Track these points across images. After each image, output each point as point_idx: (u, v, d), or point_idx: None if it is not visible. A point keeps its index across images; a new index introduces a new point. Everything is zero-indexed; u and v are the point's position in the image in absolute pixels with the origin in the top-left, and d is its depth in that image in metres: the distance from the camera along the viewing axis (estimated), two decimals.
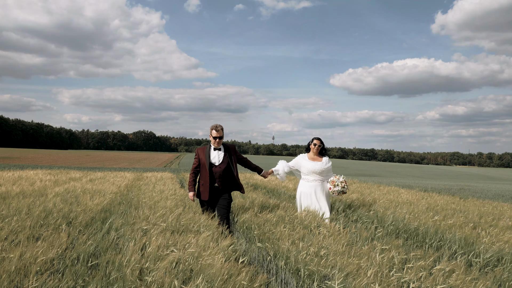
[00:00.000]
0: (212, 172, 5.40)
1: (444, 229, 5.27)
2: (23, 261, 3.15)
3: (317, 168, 6.02)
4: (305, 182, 6.11)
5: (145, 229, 4.68)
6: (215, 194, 5.44)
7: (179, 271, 3.13)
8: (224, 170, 5.42)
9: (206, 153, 5.44)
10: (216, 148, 5.47)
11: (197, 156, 5.54)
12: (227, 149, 5.55)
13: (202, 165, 5.45)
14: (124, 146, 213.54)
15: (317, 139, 6.14)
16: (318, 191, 6.00)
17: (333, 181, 5.96)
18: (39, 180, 11.74)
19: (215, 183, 5.43)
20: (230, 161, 5.47)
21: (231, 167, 5.45)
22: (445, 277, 3.21)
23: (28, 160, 58.51)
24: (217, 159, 5.44)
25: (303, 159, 6.15)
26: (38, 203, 6.19)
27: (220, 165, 5.43)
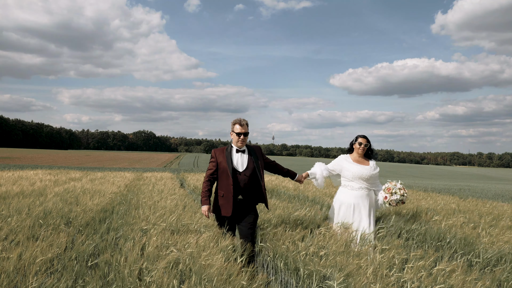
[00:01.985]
0: (237, 180, 4.22)
1: (444, 229, 5.26)
2: (22, 261, 3.14)
3: (365, 173, 4.81)
4: (348, 190, 4.87)
5: (144, 229, 4.68)
6: (238, 208, 4.25)
7: (178, 271, 3.12)
8: (249, 178, 4.27)
9: (227, 156, 4.25)
10: (239, 150, 4.31)
11: (214, 159, 4.31)
12: (252, 151, 4.39)
13: (222, 171, 4.24)
14: (124, 146, 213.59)
15: (363, 137, 4.93)
16: (364, 203, 4.81)
17: (389, 188, 4.85)
18: (39, 180, 11.74)
19: (239, 195, 4.23)
20: (257, 167, 4.31)
21: (257, 174, 4.29)
22: (445, 277, 3.20)
23: (28, 160, 58.52)
24: (241, 164, 4.28)
25: (346, 161, 4.94)
26: (38, 203, 6.19)
27: (245, 172, 4.26)
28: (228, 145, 4.38)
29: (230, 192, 4.16)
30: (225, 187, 4.21)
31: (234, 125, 4.28)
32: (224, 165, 4.22)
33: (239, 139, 4.26)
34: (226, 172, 4.20)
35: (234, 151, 4.31)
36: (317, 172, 5.02)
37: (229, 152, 4.30)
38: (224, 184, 4.23)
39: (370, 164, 4.94)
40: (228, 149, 4.33)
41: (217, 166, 4.29)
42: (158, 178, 15.14)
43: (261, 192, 4.34)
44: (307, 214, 5.63)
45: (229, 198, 4.17)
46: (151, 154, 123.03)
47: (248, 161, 4.29)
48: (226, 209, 4.20)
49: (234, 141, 4.31)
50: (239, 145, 4.29)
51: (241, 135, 4.25)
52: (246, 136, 4.28)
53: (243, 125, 4.27)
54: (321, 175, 4.99)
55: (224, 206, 4.23)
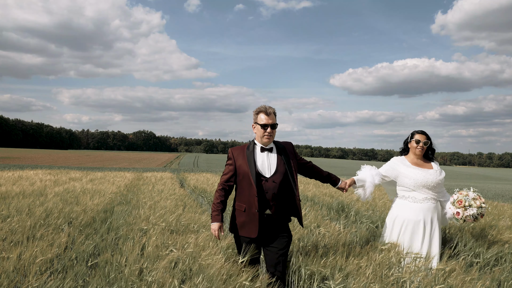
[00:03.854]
0: (263, 189, 3.16)
1: (443, 229, 5.26)
2: (22, 261, 3.15)
3: (431, 179, 3.74)
4: (411, 202, 3.78)
5: (144, 229, 4.68)
6: (265, 227, 3.20)
7: (179, 271, 3.13)
8: (280, 186, 3.19)
9: (249, 157, 3.20)
10: (265, 148, 3.25)
11: (232, 162, 3.26)
12: (281, 149, 3.31)
13: (243, 178, 3.19)
14: (124, 146, 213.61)
15: (421, 133, 3.88)
16: (433, 219, 3.75)
17: (460, 201, 3.75)
18: (39, 180, 11.74)
19: (266, 209, 3.18)
20: (289, 170, 3.23)
21: (290, 180, 3.23)
22: (445, 277, 3.21)
23: (28, 160, 58.51)
24: (268, 167, 3.21)
25: (403, 164, 3.88)
26: (38, 203, 6.19)
27: (274, 177, 3.18)
28: (250, 143, 3.30)
29: (254, 205, 3.11)
30: (247, 198, 3.16)
31: (258, 114, 3.23)
32: (245, 169, 3.15)
33: (265, 133, 3.18)
34: (248, 179, 3.14)
35: (258, 150, 3.23)
36: (366, 179, 3.89)
37: (251, 151, 3.21)
38: (246, 194, 3.16)
39: (433, 167, 3.87)
40: (250, 147, 3.25)
41: (236, 170, 3.22)
42: (158, 178, 15.14)
43: (294, 204, 3.28)
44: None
45: (253, 213, 3.13)
46: (151, 154, 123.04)
47: (277, 163, 3.22)
48: (250, 229, 3.16)
49: (258, 136, 3.23)
50: (265, 142, 3.21)
51: (268, 127, 3.17)
52: (274, 129, 3.22)
53: (270, 114, 3.19)
54: (371, 182, 3.88)
55: (246, 224, 3.17)
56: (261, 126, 3.20)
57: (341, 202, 7.72)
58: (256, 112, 3.27)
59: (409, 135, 3.97)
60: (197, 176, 16.71)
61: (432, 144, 3.93)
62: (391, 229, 3.84)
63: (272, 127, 3.20)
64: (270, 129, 3.19)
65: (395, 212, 3.86)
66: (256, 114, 3.26)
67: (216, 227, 3.20)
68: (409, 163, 3.88)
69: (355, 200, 8.27)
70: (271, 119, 3.21)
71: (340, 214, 6.99)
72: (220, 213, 3.22)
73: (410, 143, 3.92)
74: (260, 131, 3.21)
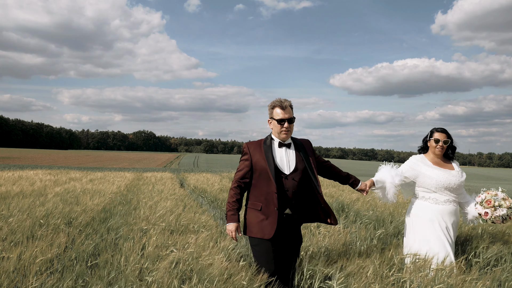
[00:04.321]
0: (282, 186, 2.98)
1: None
2: (22, 261, 3.15)
3: (453, 181, 3.53)
4: (432, 204, 3.55)
5: (144, 229, 4.68)
6: (282, 228, 3.00)
7: (179, 271, 3.13)
8: (299, 184, 3.04)
9: (266, 152, 3.02)
10: (283, 144, 3.07)
11: (248, 157, 3.06)
12: (299, 146, 3.15)
13: (260, 174, 3.00)
14: (124, 146, 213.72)
15: (441, 132, 3.63)
16: (454, 223, 3.56)
17: (489, 201, 3.55)
18: (39, 180, 11.75)
19: (286, 208, 3.01)
20: (309, 167, 3.07)
21: (311, 177, 3.06)
22: (445, 277, 3.21)
23: (28, 160, 58.51)
24: (287, 164, 3.04)
25: (424, 164, 3.63)
26: (38, 203, 6.19)
27: (293, 175, 3.02)
28: (267, 137, 3.12)
29: (273, 203, 2.91)
30: (265, 196, 2.96)
31: (273, 108, 3.05)
32: (263, 165, 2.97)
33: (282, 128, 3.00)
34: (266, 175, 2.95)
35: (276, 145, 3.06)
36: (386, 179, 3.61)
37: (268, 146, 3.04)
38: (263, 191, 2.97)
39: (455, 168, 3.63)
40: (267, 142, 3.07)
41: (252, 166, 3.02)
42: (158, 178, 15.14)
43: (315, 204, 3.11)
44: None
45: (270, 212, 2.92)
46: (151, 154, 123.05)
47: (296, 160, 3.05)
48: (267, 229, 2.92)
49: (275, 131, 3.06)
50: (283, 137, 3.04)
51: (284, 122, 2.99)
52: (291, 124, 3.03)
53: (286, 108, 3.01)
54: (392, 183, 3.60)
55: (263, 224, 2.94)
56: (277, 121, 3.00)
57: (341, 202, 7.72)
58: (271, 106, 3.06)
59: (428, 133, 3.71)
60: (197, 176, 16.71)
61: (453, 142, 3.66)
62: (412, 231, 3.60)
63: (289, 121, 3.00)
64: (287, 124, 2.99)
65: (415, 213, 3.60)
66: (271, 108, 3.06)
67: (233, 227, 2.95)
68: (429, 162, 3.62)
69: (355, 200, 8.27)
70: (288, 113, 3.01)
71: (340, 214, 6.99)
72: (236, 212, 2.98)
73: (429, 141, 3.66)
74: (276, 126, 3.02)
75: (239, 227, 2.98)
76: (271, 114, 3.07)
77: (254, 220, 2.97)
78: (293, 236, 3.05)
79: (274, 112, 3.03)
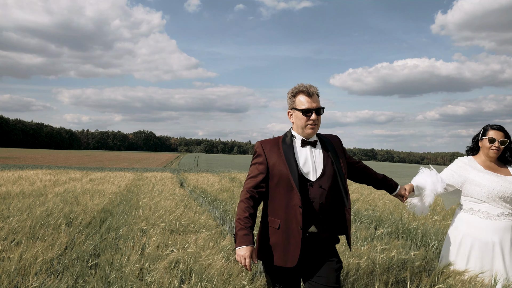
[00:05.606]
0: (307, 197, 2.26)
1: (444, 229, 5.27)
2: (23, 261, 3.15)
3: (510, 188, 2.85)
4: (482, 219, 2.89)
5: (144, 229, 4.69)
6: (308, 250, 2.28)
7: (179, 271, 3.13)
8: (329, 193, 2.32)
9: (286, 153, 2.32)
10: (307, 141, 2.36)
11: (263, 158, 2.34)
12: (327, 143, 2.44)
13: (279, 181, 2.28)
14: (124, 146, 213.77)
15: (498, 129, 2.95)
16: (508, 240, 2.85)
17: None
18: (39, 180, 11.75)
19: (311, 225, 2.28)
20: (339, 172, 2.36)
21: (340, 185, 2.36)
22: (445, 276, 3.21)
23: (28, 160, 58.51)
24: (313, 167, 2.32)
25: (472, 167, 2.99)
26: (38, 203, 6.20)
27: (321, 181, 2.30)
28: (286, 134, 2.41)
29: (296, 219, 2.20)
30: (284, 210, 2.24)
31: (296, 96, 2.33)
32: (282, 170, 2.25)
33: (309, 121, 2.29)
34: (287, 183, 2.24)
35: (298, 144, 2.35)
36: (426, 186, 2.94)
37: (289, 145, 2.33)
38: (282, 204, 2.25)
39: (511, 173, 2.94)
40: (286, 140, 2.36)
41: (268, 170, 2.30)
42: (158, 178, 15.14)
43: (344, 218, 2.37)
44: None
45: (292, 231, 2.21)
46: (151, 154, 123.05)
47: (324, 162, 2.34)
48: (286, 254, 2.22)
49: (298, 126, 2.33)
50: (309, 133, 2.33)
51: (311, 113, 2.28)
52: (319, 116, 2.33)
53: (313, 95, 2.31)
54: (432, 191, 2.93)
55: (281, 247, 2.24)
56: (302, 112, 2.28)
57: None
58: (293, 94, 2.35)
59: (480, 131, 3.04)
60: (197, 176, 16.72)
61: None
62: (456, 250, 2.94)
63: (317, 112, 2.29)
64: (315, 115, 2.28)
65: (460, 229, 2.94)
66: (292, 96, 2.35)
67: (247, 252, 2.14)
68: (480, 166, 2.97)
69: (355, 200, 8.27)
70: (315, 101, 2.30)
71: None
72: (250, 231, 2.19)
73: (482, 141, 3.00)
74: (301, 119, 2.29)
75: (254, 251, 2.20)
76: (292, 103, 2.34)
77: (272, 241, 2.27)
78: (324, 258, 2.28)
79: (297, 101, 2.31)
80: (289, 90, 2.38)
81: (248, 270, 2.17)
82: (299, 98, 2.31)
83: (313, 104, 2.28)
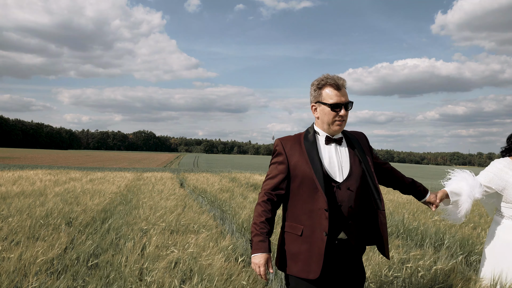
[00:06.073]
0: (335, 200, 2.05)
1: (444, 229, 5.27)
2: (23, 261, 3.15)
3: None
4: None
5: (144, 229, 4.68)
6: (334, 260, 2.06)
7: (179, 271, 3.13)
8: (357, 196, 2.10)
9: (309, 151, 2.10)
10: (332, 139, 2.14)
11: (284, 157, 2.12)
12: (353, 141, 2.22)
13: (302, 182, 2.07)
14: (124, 146, 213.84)
15: None
16: None
17: None
18: (39, 180, 11.75)
19: (340, 232, 2.06)
20: (368, 172, 2.15)
21: (371, 186, 2.15)
22: (445, 277, 3.21)
23: (28, 160, 58.51)
24: (339, 166, 2.11)
25: None
26: (38, 203, 6.20)
27: (349, 182, 2.09)
28: (309, 130, 2.18)
29: (321, 225, 1.97)
30: (308, 215, 2.02)
31: (322, 89, 2.09)
32: (305, 170, 2.03)
33: (337, 117, 2.07)
34: (311, 184, 2.01)
35: (321, 142, 2.12)
36: (462, 192, 2.59)
37: (311, 142, 2.10)
38: (306, 209, 2.03)
39: None
40: (308, 137, 2.13)
41: (289, 171, 2.08)
42: (158, 178, 15.14)
43: (377, 222, 2.12)
44: None
45: (316, 238, 1.98)
46: (151, 154, 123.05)
47: (351, 161, 2.12)
48: (310, 264, 1.98)
49: (325, 121, 2.10)
50: (335, 130, 2.10)
51: (340, 108, 2.06)
52: (347, 111, 2.10)
53: (342, 88, 2.08)
54: (470, 197, 2.58)
55: (304, 256, 2.00)
56: (331, 107, 2.05)
57: None
58: (319, 85, 2.09)
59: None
60: (197, 176, 16.72)
61: None
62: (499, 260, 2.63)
63: (345, 107, 2.07)
64: (344, 111, 2.06)
65: (502, 238, 2.64)
66: (318, 88, 2.10)
67: (262, 260, 1.96)
68: None
69: None
70: (344, 95, 2.08)
71: None
72: (266, 238, 2.00)
73: None
74: (328, 114, 2.06)
75: (270, 259, 1.99)
76: (317, 97, 2.10)
77: (293, 250, 2.03)
78: (352, 269, 2.08)
79: (324, 94, 2.08)
80: (314, 81, 2.14)
81: (264, 279, 2.00)
82: (326, 91, 2.08)
83: (342, 98, 2.06)
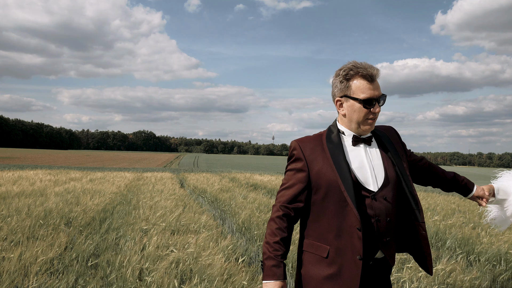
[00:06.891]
0: (367, 214, 1.59)
1: (444, 229, 5.27)
2: (23, 261, 3.15)
3: None
4: None
5: (145, 229, 4.68)
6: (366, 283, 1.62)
7: (179, 271, 3.13)
8: (395, 206, 1.67)
9: (334, 155, 1.63)
10: (360, 139, 1.68)
11: (303, 164, 1.64)
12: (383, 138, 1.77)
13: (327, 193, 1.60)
14: (124, 146, 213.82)
15: None
16: None
17: None
18: (39, 180, 11.75)
19: (376, 252, 1.63)
20: (403, 176, 1.70)
21: (406, 193, 1.69)
22: (445, 276, 3.21)
23: (28, 160, 58.50)
24: (371, 172, 1.65)
25: None
26: (38, 203, 6.19)
27: (384, 191, 1.63)
28: (331, 130, 1.74)
29: (353, 246, 1.57)
30: (336, 233, 1.61)
31: (351, 80, 1.66)
32: (330, 177, 1.62)
33: (369, 114, 1.66)
34: (339, 196, 1.60)
35: (348, 143, 1.70)
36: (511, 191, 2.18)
37: (336, 144, 1.68)
38: (333, 225, 1.61)
39: None
40: (332, 137, 1.71)
41: (309, 180, 1.65)
42: (158, 178, 15.14)
43: (417, 236, 1.71)
44: None
45: (346, 261, 1.58)
46: (151, 154, 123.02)
47: (385, 165, 1.70)
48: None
49: (353, 119, 1.68)
50: (366, 130, 1.69)
51: (373, 104, 1.64)
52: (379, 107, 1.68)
53: (375, 80, 1.66)
54: None
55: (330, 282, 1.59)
56: (363, 103, 1.63)
57: None
58: (347, 76, 1.66)
59: None
60: (197, 176, 16.72)
61: None
62: None
63: (377, 101, 1.65)
64: (376, 102, 1.65)
65: None
66: (345, 79, 1.66)
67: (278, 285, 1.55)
68: None
69: None
70: (377, 88, 1.66)
71: None
72: (280, 262, 1.57)
73: None
74: (358, 111, 1.65)
75: (285, 286, 1.58)
76: (344, 90, 1.67)
77: (316, 274, 1.62)
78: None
79: (354, 86, 1.65)
80: (339, 71, 1.69)
81: None
82: (356, 82, 1.64)
83: (376, 92, 1.64)
